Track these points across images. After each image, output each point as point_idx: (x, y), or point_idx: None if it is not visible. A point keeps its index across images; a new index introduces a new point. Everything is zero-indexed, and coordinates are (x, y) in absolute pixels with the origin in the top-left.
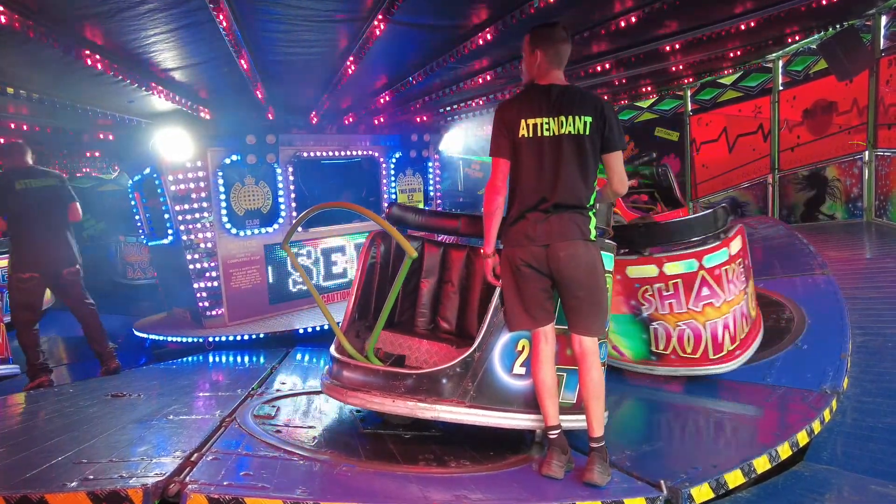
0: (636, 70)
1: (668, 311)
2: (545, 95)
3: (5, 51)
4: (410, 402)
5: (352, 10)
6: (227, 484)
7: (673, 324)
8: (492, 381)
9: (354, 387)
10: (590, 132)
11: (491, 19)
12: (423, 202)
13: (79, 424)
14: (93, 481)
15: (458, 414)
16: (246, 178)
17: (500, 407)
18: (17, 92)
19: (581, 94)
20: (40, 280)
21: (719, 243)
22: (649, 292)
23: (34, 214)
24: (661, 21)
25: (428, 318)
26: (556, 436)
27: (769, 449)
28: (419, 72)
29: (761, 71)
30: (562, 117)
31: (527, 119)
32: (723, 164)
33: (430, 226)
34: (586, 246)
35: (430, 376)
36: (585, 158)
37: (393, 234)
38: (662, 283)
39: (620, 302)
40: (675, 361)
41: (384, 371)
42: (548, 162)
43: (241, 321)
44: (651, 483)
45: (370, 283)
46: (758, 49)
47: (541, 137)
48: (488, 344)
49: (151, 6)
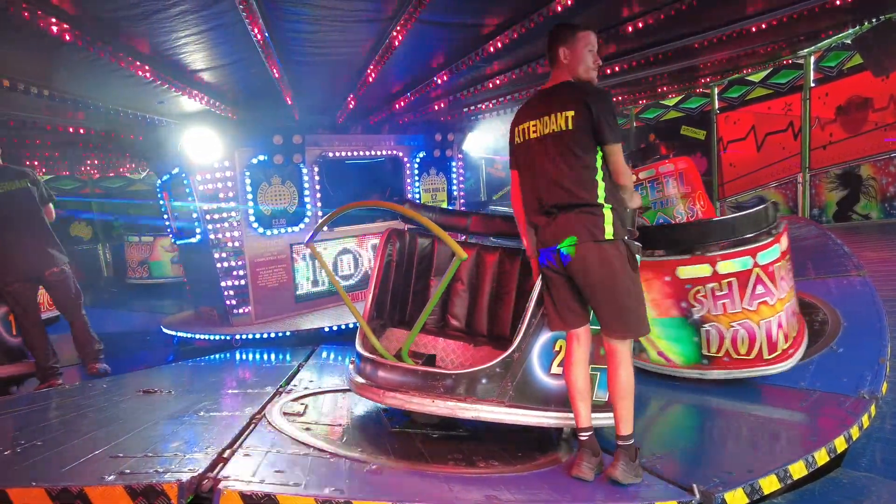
0: (663, 68)
1: (722, 311)
2: (538, 98)
3: (42, 55)
4: (450, 402)
5: (378, 10)
6: (260, 481)
7: (726, 324)
8: (531, 381)
9: (391, 387)
10: (572, 126)
11: (513, 19)
12: (446, 202)
13: (112, 420)
14: (129, 475)
15: (499, 414)
16: (273, 178)
17: (539, 406)
18: (52, 94)
19: (569, 89)
20: (25, 286)
21: (772, 240)
22: (702, 293)
23: (5, 221)
24: (690, 18)
25: (438, 316)
26: (587, 437)
27: (805, 454)
28: (444, 70)
29: (792, 67)
30: (546, 117)
31: (518, 125)
32: (751, 162)
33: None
34: (599, 247)
35: (470, 376)
36: (572, 155)
37: (441, 235)
38: (716, 283)
39: (670, 305)
40: (728, 364)
41: (423, 372)
42: (538, 164)
43: (268, 319)
44: (683, 487)
45: (386, 280)
46: (789, 45)
47: (528, 141)
48: (527, 344)
49: (183, 8)
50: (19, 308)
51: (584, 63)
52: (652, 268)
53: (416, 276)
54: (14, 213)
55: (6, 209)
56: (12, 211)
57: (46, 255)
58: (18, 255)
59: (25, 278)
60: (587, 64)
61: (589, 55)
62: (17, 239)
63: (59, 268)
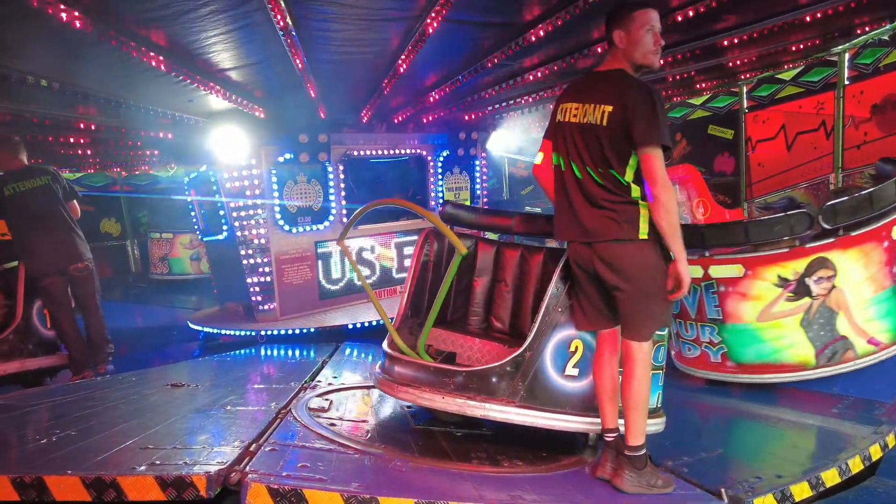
0: (690, 66)
1: None
2: (587, 80)
3: (76, 54)
4: (460, 399)
5: (406, 9)
6: (286, 475)
7: None
8: (543, 382)
9: (405, 382)
10: (607, 123)
11: (543, 15)
12: (469, 201)
13: (143, 412)
14: (159, 466)
15: (508, 413)
16: (298, 177)
17: (550, 408)
18: (87, 92)
19: (614, 81)
20: (57, 280)
21: None
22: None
23: (31, 218)
24: (720, 14)
25: (481, 317)
26: (613, 438)
27: (839, 462)
28: (470, 69)
29: (825, 64)
30: (587, 105)
31: (562, 103)
32: (780, 162)
33: (483, 224)
34: (632, 246)
35: (480, 374)
36: (603, 153)
37: (443, 229)
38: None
39: (886, 274)
40: None
41: (434, 367)
42: (572, 150)
43: (292, 316)
44: (711, 491)
45: (423, 280)
46: (823, 42)
47: (568, 123)
48: (539, 344)
49: (213, 8)
50: (52, 302)
51: (641, 46)
52: (873, 237)
53: (458, 276)
54: (39, 210)
55: (31, 206)
56: (38, 208)
57: (72, 250)
58: (47, 251)
59: (55, 273)
60: (646, 46)
61: (648, 36)
62: (45, 235)
63: (83, 263)
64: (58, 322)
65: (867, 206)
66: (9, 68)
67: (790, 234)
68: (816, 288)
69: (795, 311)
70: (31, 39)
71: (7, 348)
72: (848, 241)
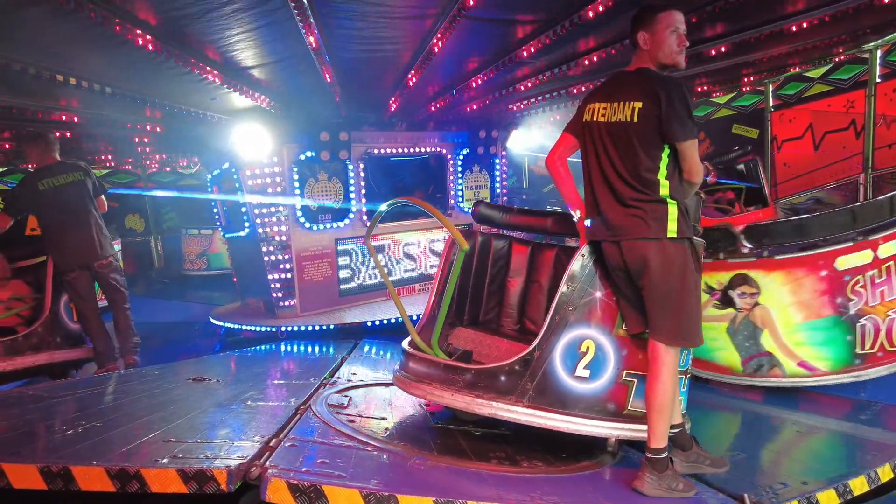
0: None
1: (879, 300)
2: (614, 80)
3: (104, 53)
4: (468, 396)
5: (428, 6)
6: (306, 471)
7: (883, 315)
8: (552, 382)
9: (418, 378)
10: (638, 120)
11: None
12: (488, 199)
13: (165, 405)
14: (181, 459)
15: (515, 413)
16: (319, 174)
17: (559, 409)
18: (114, 91)
19: (642, 78)
20: (83, 274)
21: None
22: (860, 283)
23: (60, 213)
24: (743, 12)
25: (514, 318)
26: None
27: (867, 469)
28: (490, 68)
29: (855, 62)
30: (616, 104)
31: (589, 104)
32: (807, 162)
33: (517, 224)
34: (661, 245)
35: (488, 372)
36: (634, 150)
37: (446, 224)
38: (876, 270)
39: (823, 304)
40: (882, 359)
41: (445, 364)
42: (600, 152)
43: (312, 312)
44: (733, 496)
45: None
46: (853, 38)
47: (596, 122)
48: (549, 343)
49: (237, 6)
50: (77, 297)
51: (665, 46)
52: (804, 264)
53: (490, 277)
54: (70, 205)
55: (63, 201)
56: (69, 203)
57: (97, 246)
58: (72, 246)
59: (79, 267)
60: (670, 47)
61: (672, 37)
62: (72, 230)
63: (107, 259)
64: (83, 316)
65: (793, 232)
66: None
67: (714, 248)
68: (740, 301)
69: (722, 319)
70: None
71: (36, 341)
72: (771, 264)
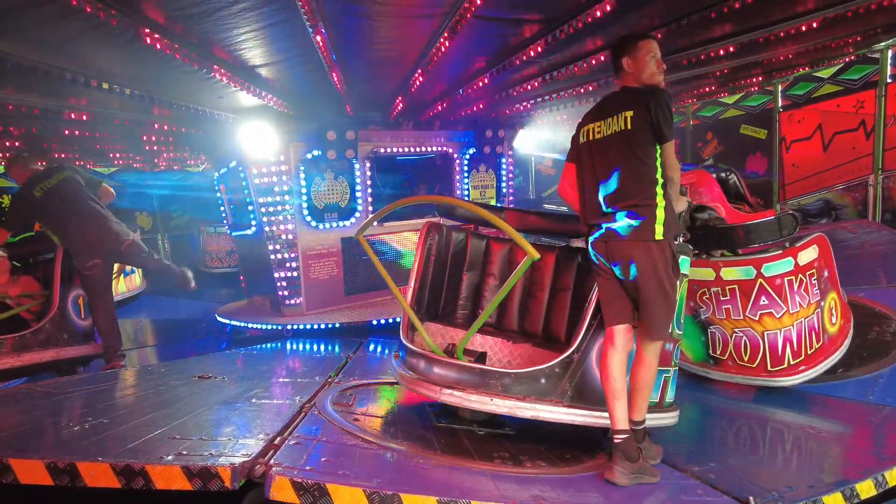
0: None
1: (725, 316)
2: (604, 102)
3: (111, 50)
4: (510, 401)
5: (436, 6)
6: (310, 469)
7: (730, 329)
8: (589, 382)
9: (448, 384)
10: (632, 126)
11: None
12: (495, 199)
13: (170, 402)
14: (186, 456)
15: (558, 413)
16: (326, 173)
17: (596, 407)
18: (123, 90)
19: (630, 92)
20: (103, 263)
21: (781, 252)
22: (706, 295)
23: (66, 210)
24: (758, 10)
25: (514, 320)
26: (621, 440)
27: (875, 473)
28: (497, 67)
29: (866, 62)
30: (610, 118)
31: (584, 127)
32: (816, 163)
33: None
34: (645, 246)
35: (529, 376)
36: (632, 154)
37: (513, 235)
38: (719, 288)
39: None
40: (731, 368)
41: (480, 370)
42: (599, 163)
43: (318, 311)
44: (738, 499)
45: (425, 275)
46: (864, 38)
47: (593, 141)
48: (587, 345)
49: (244, 5)
50: (93, 290)
51: (647, 70)
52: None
53: (449, 271)
54: (71, 200)
55: (64, 199)
56: (70, 199)
57: (117, 232)
58: (91, 236)
59: (104, 257)
60: (650, 70)
61: (652, 61)
62: (84, 223)
63: (130, 239)
64: (96, 310)
65: None
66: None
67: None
68: None
69: None
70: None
71: (44, 337)
72: None
